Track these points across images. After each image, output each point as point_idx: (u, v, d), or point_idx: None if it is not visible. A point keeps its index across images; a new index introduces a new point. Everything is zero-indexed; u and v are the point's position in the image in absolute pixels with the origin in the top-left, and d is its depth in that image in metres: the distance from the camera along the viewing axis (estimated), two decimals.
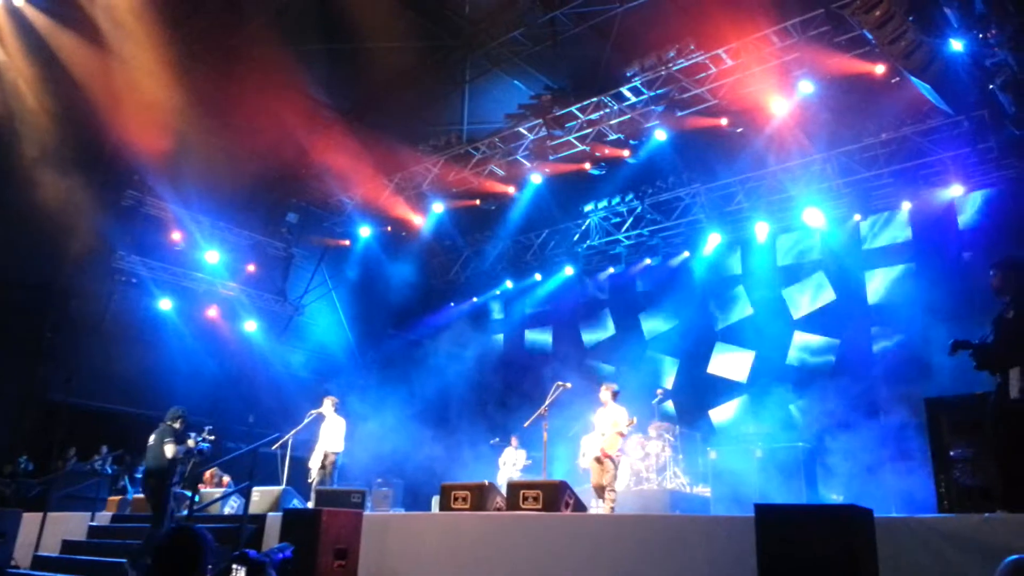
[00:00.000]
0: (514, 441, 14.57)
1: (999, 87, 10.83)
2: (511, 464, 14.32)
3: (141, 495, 12.58)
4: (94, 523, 10.82)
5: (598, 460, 10.14)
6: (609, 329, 18.76)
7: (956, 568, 4.69)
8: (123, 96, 14.10)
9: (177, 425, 9.88)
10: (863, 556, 4.46)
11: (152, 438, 9.98)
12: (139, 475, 14.67)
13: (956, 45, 10.71)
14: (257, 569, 4.10)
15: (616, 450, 10.19)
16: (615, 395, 10.63)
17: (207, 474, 12.80)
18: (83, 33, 13.74)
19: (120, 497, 12.17)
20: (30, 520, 10.83)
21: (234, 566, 4.37)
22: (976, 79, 11.27)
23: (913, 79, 11.16)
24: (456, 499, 7.95)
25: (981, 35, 10.40)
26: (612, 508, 9.86)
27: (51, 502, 11.07)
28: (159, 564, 3.28)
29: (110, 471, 13.79)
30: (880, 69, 11.69)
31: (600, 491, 10.12)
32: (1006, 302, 5.67)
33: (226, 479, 12.98)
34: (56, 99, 14.17)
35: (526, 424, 10.62)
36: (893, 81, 11.83)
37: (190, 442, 9.78)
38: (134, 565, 8.16)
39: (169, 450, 9.60)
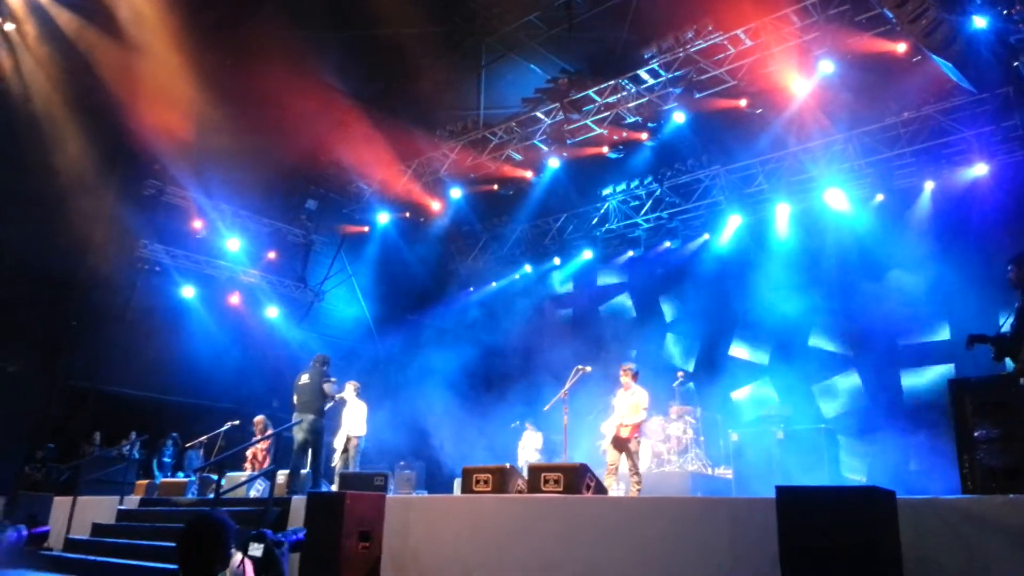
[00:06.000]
0: (529, 426, 14.63)
1: None
2: (530, 448, 14.38)
3: (169, 479, 12.81)
4: (123, 507, 11.01)
5: (615, 444, 9.83)
6: (630, 312, 18.74)
7: (979, 548, 4.68)
8: (142, 86, 14.22)
9: (326, 368, 10.91)
10: (885, 537, 4.47)
11: (306, 378, 10.88)
12: (167, 459, 14.92)
13: (979, 22, 10.55)
14: (272, 547, 4.22)
15: (633, 434, 9.81)
16: (635, 376, 10.22)
17: (256, 421, 12.98)
18: (101, 23, 13.84)
19: (148, 481, 12.36)
20: (61, 504, 11.07)
21: (252, 544, 4.51)
22: (1000, 56, 11.09)
23: (935, 58, 11.00)
24: (478, 482, 7.99)
25: (1005, 11, 10.25)
26: (638, 491, 9.74)
27: (80, 487, 11.27)
28: (184, 548, 3.39)
29: (137, 456, 13.99)
30: (902, 48, 11.56)
31: (614, 472, 9.77)
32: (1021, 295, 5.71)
33: (270, 429, 13.03)
34: (76, 90, 14.30)
35: (546, 407, 10.64)
36: (915, 60, 11.69)
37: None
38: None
39: (328, 387, 10.76)
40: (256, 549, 4.46)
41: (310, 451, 10.72)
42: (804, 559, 4.47)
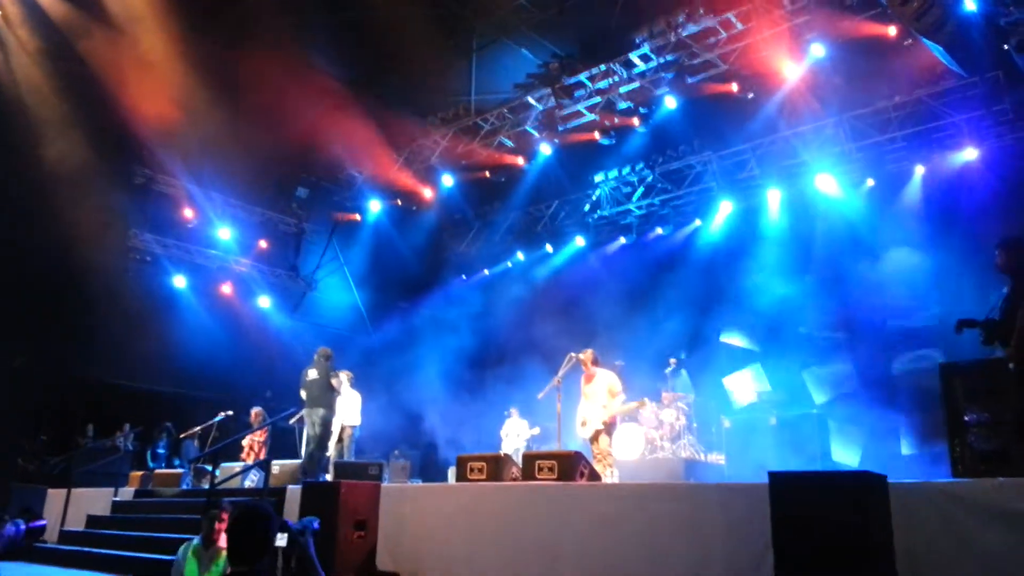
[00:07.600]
0: (515, 412, 14.62)
1: (1014, 47, 10.66)
2: (515, 435, 14.37)
3: (163, 470, 12.80)
4: (117, 498, 11.01)
5: (598, 431, 9.74)
6: (621, 299, 18.73)
7: (969, 531, 4.72)
8: (131, 73, 14.09)
9: (330, 363, 11.04)
10: (877, 521, 4.51)
11: (314, 373, 10.95)
12: (160, 450, 14.90)
13: (970, 5, 10.54)
14: (296, 535, 4.27)
15: (614, 418, 9.98)
16: (596, 361, 10.20)
17: (253, 413, 12.98)
18: (89, 9, 13.70)
19: (142, 472, 12.35)
20: (55, 496, 11.06)
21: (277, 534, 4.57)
22: (990, 39, 11.09)
23: (925, 41, 10.99)
24: (472, 470, 8.01)
25: None
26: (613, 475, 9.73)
27: (74, 478, 11.25)
28: (235, 538, 3.60)
29: (131, 447, 13.97)
30: (892, 31, 11.54)
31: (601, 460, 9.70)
32: (1009, 279, 5.76)
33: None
34: (64, 76, 14.17)
35: (540, 395, 10.62)
36: (906, 43, 11.66)
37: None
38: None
39: (336, 382, 10.88)
40: (281, 539, 4.53)
41: (318, 440, 10.83)
42: (796, 543, 4.51)
